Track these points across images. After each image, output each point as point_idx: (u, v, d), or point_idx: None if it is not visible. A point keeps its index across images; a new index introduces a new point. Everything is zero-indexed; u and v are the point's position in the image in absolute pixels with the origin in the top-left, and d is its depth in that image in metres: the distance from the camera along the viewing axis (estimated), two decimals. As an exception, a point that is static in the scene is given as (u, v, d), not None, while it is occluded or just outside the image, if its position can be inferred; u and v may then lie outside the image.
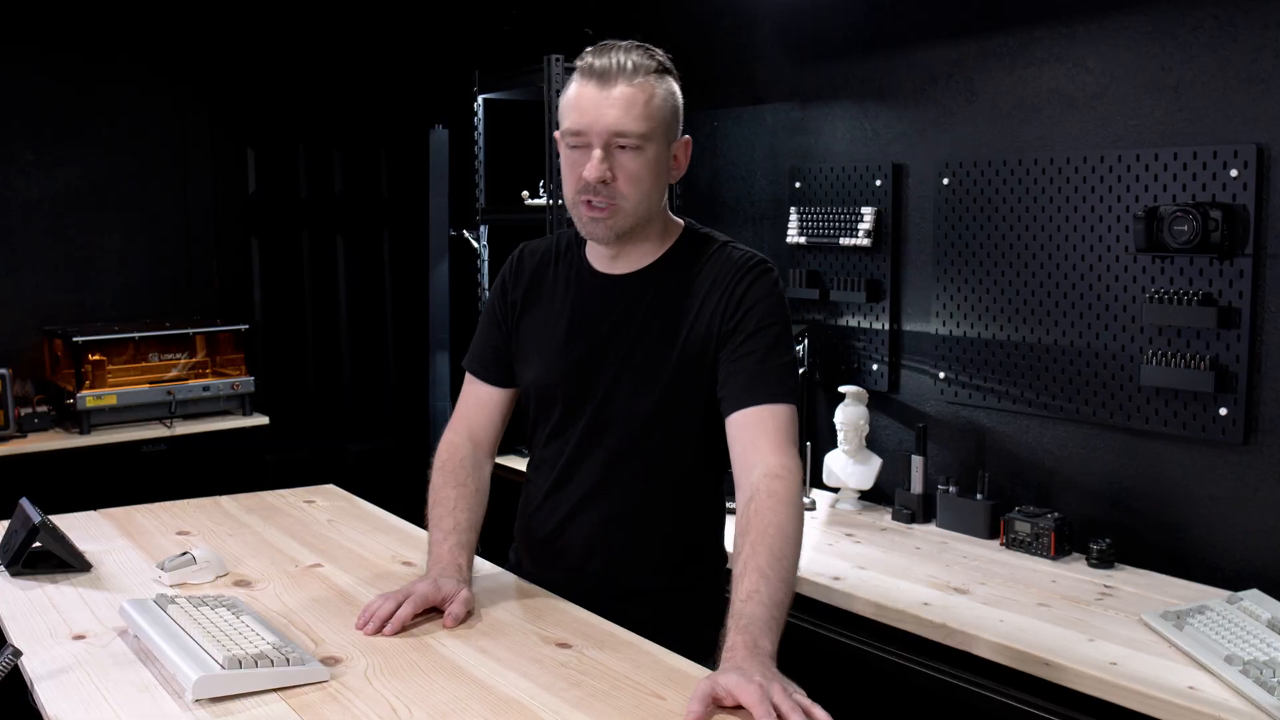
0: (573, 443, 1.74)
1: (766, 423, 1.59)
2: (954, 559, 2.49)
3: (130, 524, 2.20)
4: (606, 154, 1.60)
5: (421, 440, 4.48)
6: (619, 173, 1.61)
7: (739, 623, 1.40)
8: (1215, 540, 2.33)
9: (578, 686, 1.41)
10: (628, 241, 1.69)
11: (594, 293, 1.74)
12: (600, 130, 1.60)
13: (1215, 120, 2.30)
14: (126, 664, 1.49)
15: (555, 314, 1.76)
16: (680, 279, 1.70)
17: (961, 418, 2.84)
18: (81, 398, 3.54)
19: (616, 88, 1.60)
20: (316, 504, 2.39)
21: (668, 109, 1.64)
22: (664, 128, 1.64)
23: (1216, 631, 1.92)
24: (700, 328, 1.66)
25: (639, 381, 1.68)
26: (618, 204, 1.62)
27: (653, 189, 1.64)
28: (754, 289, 1.65)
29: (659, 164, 1.64)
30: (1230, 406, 2.28)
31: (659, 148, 1.63)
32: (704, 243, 1.73)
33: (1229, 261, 2.26)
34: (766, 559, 1.46)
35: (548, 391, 1.75)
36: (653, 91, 1.62)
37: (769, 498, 1.52)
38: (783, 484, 1.54)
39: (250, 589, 1.81)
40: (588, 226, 1.66)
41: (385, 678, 1.43)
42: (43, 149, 3.83)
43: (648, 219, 1.67)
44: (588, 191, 1.62)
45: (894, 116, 2.97)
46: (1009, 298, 2.70)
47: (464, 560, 1.70)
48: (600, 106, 1.60)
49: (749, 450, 1.58)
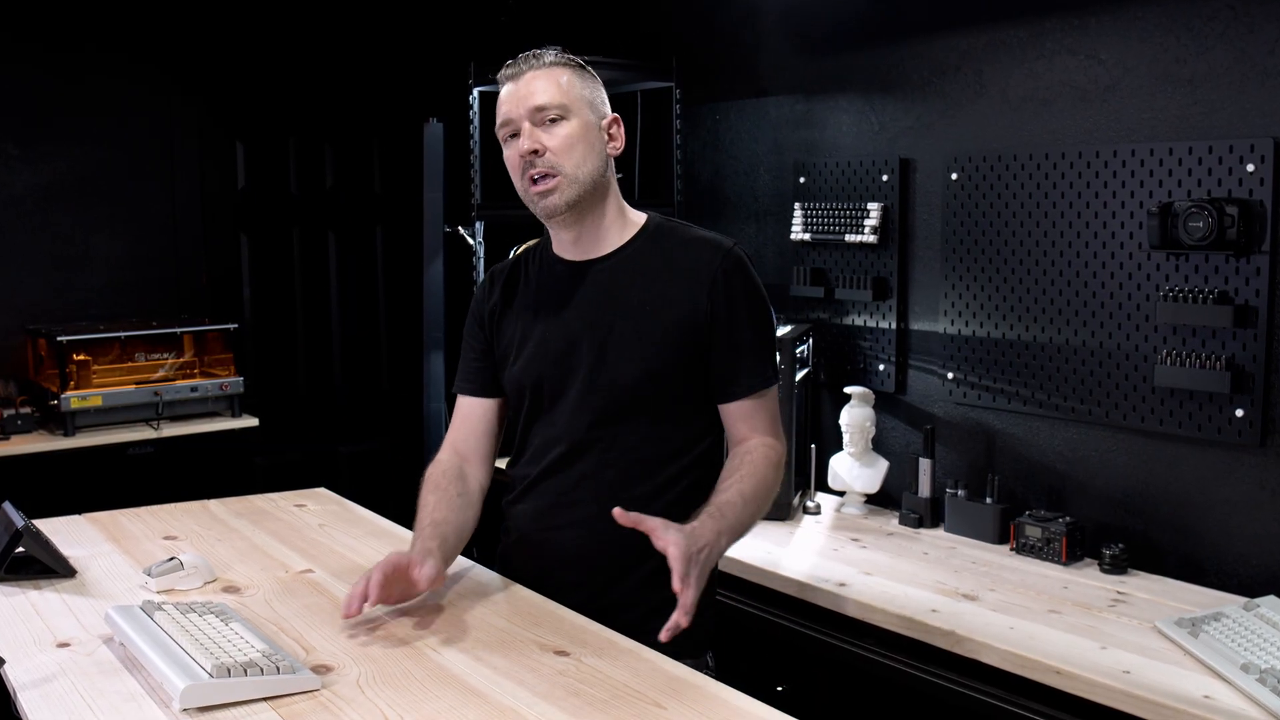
0: (560, 425, 1.81)
1: (760, 411, 1.80)
2: (962, 564, 2.49)
3: (116, 528, 2.20)
4: (535, 128, 1.76)
5: (415, 442, 4.48)
6: (548, 142, 1.76)
7: (716, 505, 1.67)
8: (1231, 545, 2.33)
9: (576, 695, 1.41)
10: (584, 216, 1.81)
11: (567, 280, 1.85)
12: (522, 112, 1.77)
13: (1231, 114, 2.30)
14: (112, 672, 1.49)
15: (530, 309, 1.88)
16: (653, 260, 1.81)
17: (970, 419, 2.84)
18: (66, 399, 3.54)
19: (528, 75, 1.79)
20: (307, 508, 2.39)
21: (585, 88, 1.81)
22: (583, 102, 1.79)
23: (1232, 639, 1.92)
24: (682, 307, 1.77)
25: (623, 358, 1.77)
26: (557, 172, 1.76)
27: (588, 156, 1.78)
28: (738, 275, 1.78)
29: (588, 134, 1.78)
30: (1247, 408, 2.28)
31: (584, 120, 1.78)
32: (671, 228, 1.87)
33: (1245, 259, 2.26)
34: (752, 487, 1.72)
35: (530, 380, 1.84)
36: (565, 75, 1.79)
37: (765, 451, 1.77)
38: (775, 452, 1.80)
39: (239, 595, 1.81)
40: (539, 203, 1.79)
41: (378, 686, 1.44)
42: (27, 142, 3.83)
43: (594, 188, 1.79)
44: (528, 168, 1.77)
45: (901, 110, 2.97)
46: (1019, 296, 2.70)
47: (435, 544, 1.73)
48: (518, 94, 1.79)
49: (745, 432, 1.81)
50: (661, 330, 1.76)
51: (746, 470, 1.74)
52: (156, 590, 1.81)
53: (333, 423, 4.46)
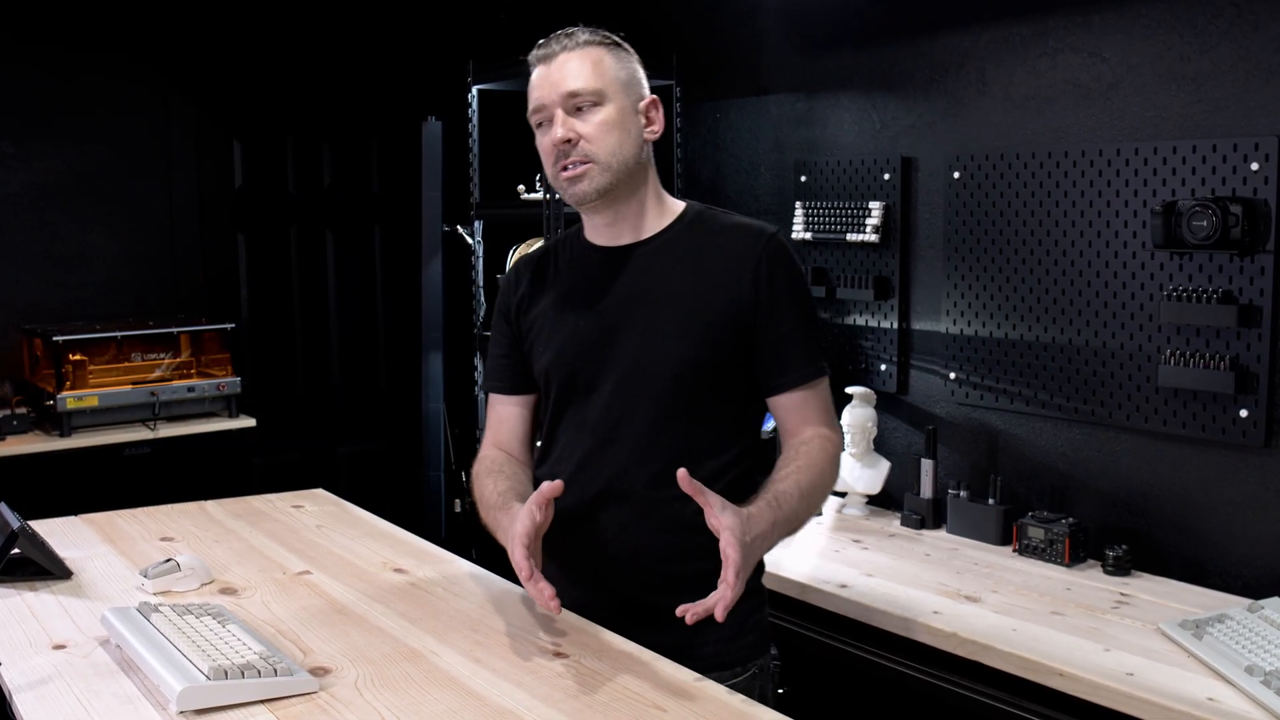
0: (597, 417, 1.72)
1: (812, 401, 1.73)
2: (965, 566, 2.49)
3: (112, 530, 2.20)
4: (568, 116, 1.69)
5: (414, 442, 4.48)
6: (582, 129, 1.68)
7: (773, 494, 1.58)
8: (1235, 546, 2.33)
9: (574, 697, 1.41)
10: (618, 202, 1.74)
11: (601, 267, 1.77)
12: (555, 97, 1.69)
13: (1235, 112, 2.29)
14: (109, 675, 1.49)
15: (564, 298, 1.79)
16: (692, 247, 1.74)
17: (973, 419, 2.84)
18: (62, 399, 3.54)
19: (560, 57, 1.71)
20: (305, 509, 2.39)
21: (621, 70, 1.72)
22: (619, 85, 1.71)
23: (1237, 641, 1.92)
24: (724, 296, 1.69)
25: (662, 348, 1.69)
26: (590, 159, 1.68)
27: (623, 142, 1.70)
28: (783, 262, 1.71)
29: (624, 119, 1.71)
30: (1251, 408, 2.28)
31: (620, 104, 1.70)
32: (711, 214, 1.79)
33: (1250, 258, 2.26)
34: (809, 480, 1.64)
35: (565, 372, 1.75)
36: (600, 56, 1.71)
37: (823, 444, 1.70)
38: (833, 445, 1.72)
39: (236, 597, 1.81)
40: (570, 190, 1.71)
41: (376, 688, 1.44)
42: (23, 141, 3.83)
43: (629, 175, 1.72)
44: (561, 158, 1.69)
45: (903, 108, 2.97)
46: (1022, 295, 2.70)
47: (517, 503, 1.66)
48: (550, 78, 1.70)
49: (799, 424, 1.73)
50: (702, 320, 1.68)
51: (804, 462, 1.66)
52: (153, 592, 1.81)
53: (331, 423, 4.46)
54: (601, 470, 1.72)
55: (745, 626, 1.72)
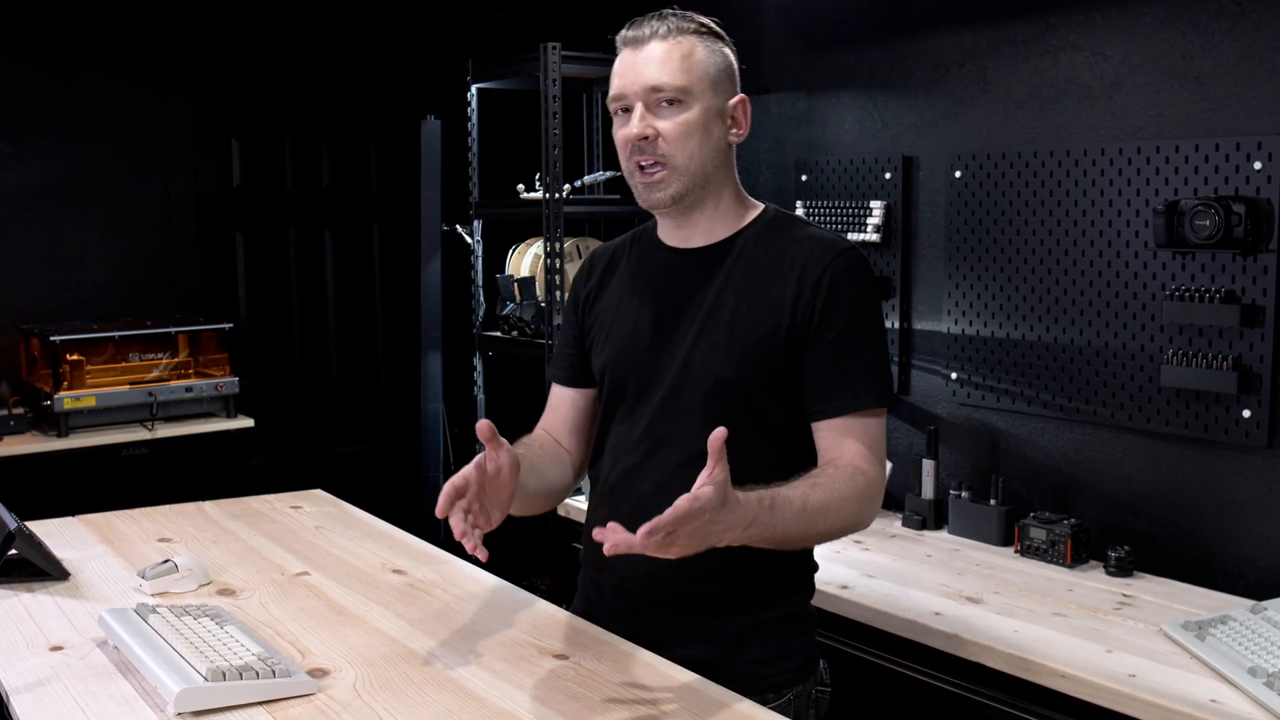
0: (645, 424, 1.67)
1: (855, 431, 1.59)
2: (966, 567, 2.49)
3: (110, 530, 2.20)
4: (647, 111, 1.60)
5: (413, 443, 4.48)
6: (661, 128, 1.60)
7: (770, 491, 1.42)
8: (1238, 547, 2.33)
9: (574, 699, 1.41)
10: (693, 208, 1.66)
11: (666, 268, 1.71)
12: (637, 89, 1.60)
13: (1238, 111, 2.29)
14: (106, 676, 1.49)
15: (626, 295, 1.74)
16: (761, 255, 1.65)
17: (974, 420, 2.84)
18: (59, 399, 3.54)
19: (649, 45, 1.61)
20: (303, 509, 2.39)
21: (712, 65, 1.62)
22: (709, 83, 1.61)
23: (1239, 642, 1.92)
24: (784, 310, 1.60)
25: (713, 357, 1.62)
26: (667, 163, 1.60)
27: (703, 146, 1.61)
28: (844, 279, 1.60)
29: (707, 121, 1.61)
30: (1254, 408, 2.28)
31: (706, 104, 1.61)
32: (788, 221, 1.70)
33: (1252, 257, 2.26)
34: (820, 500, 1.48)
35: (620, 370, 1.71)
36: (692, 48, 1.61)
37: (852, 474, 1.54)
38: (865, 480, 1.56)
39: (235, 598, 1.81)
40: (643, 193, 1.64)
41: (375, 690, 1.44)
42: (20, 140, 3.83)
43: (705, 181, 1.64)
44: (636, 154, 1.61)
45: (904, 107, 2.97)
46: (1023, 295, 2.70)
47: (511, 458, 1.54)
48: (637, 66, 1.61)
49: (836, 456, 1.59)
50: (753, 334, 1.60)
51: (824, 480, 1.51)
52: (151, 593, 1.81)
53: (329, 423, 4.46)
54: (642, 483, 1.66)
55: (784, 651, 1.67)
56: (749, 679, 1.60)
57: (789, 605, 1.69)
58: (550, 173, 3.28)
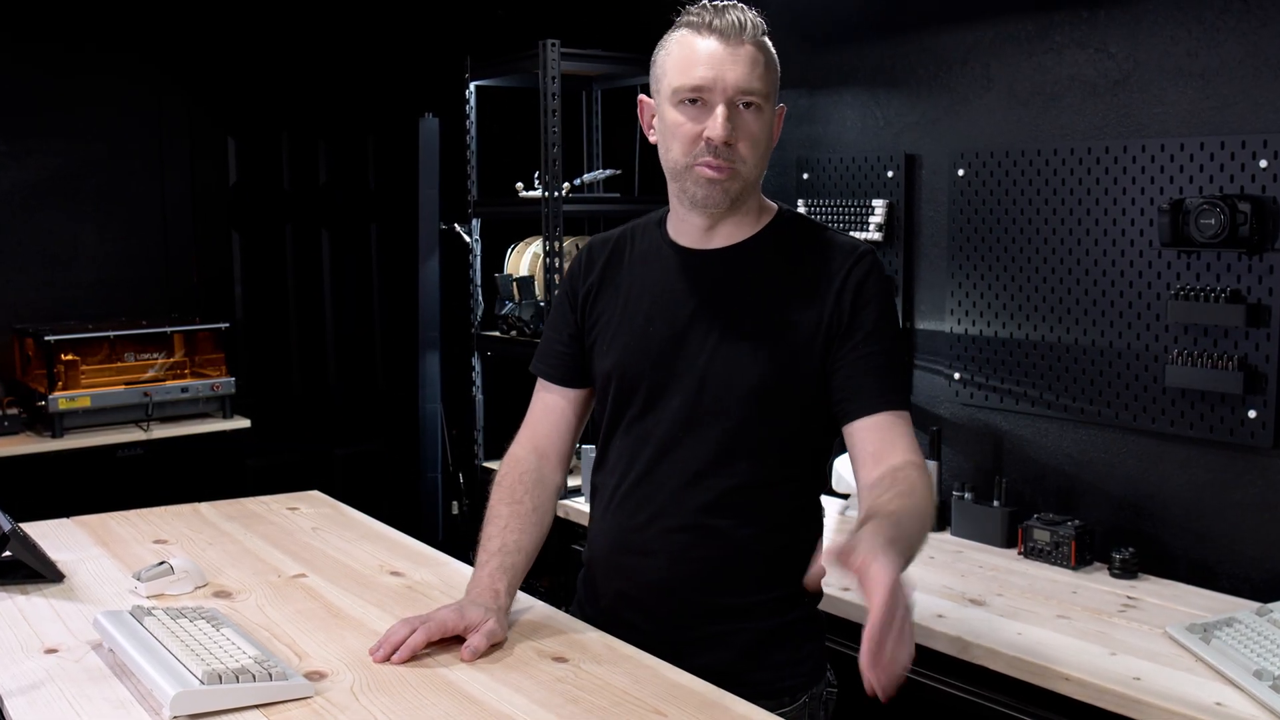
0: (661, 431, 1.64)
1: (899, 427, 1.57)
2: (969, 569, 2.49)
3: (105, 532, 2.20)
4: (731, 112, 1.57)
5: (411, 444, 4.48)
6: (741, 133, 1.58)
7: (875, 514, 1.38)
8: (1244, 549, 2.33)
9: (575, 702, 1.41)
10: (733, 211, 1.65)
11: (680, 269, 1.68)
12: (726, 87, 1.56)
13: (1244, 108, 2.29)
14: (101, 679, 1.48)
15: (635, 295, 1.70)
16: (778, 258, 1.65)
17: (977, 420, 2.84)
18: (54, 399, 3.54)
19: (743, 46, 1.58)
20: (300, 511, 2.39)
21: (777, 72, 1.64)
22: (775, 90, 1.64)
23: (1245, 645, 1.92)
24: (807, 312, 1.60)
25: (738, 362, 1.60)
26: (736, 167, 1.59)
27: (765, 154, 1.64)
28: (871, 280, 1.61)
29: (770, 129, 1.63)
30: (1260, 409, 2.28)
31: (770, 113, 1.63)
32: (803, 224, 1.70)
33: (1258, 256, 2.26)
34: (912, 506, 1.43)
35: (630, 376, 1.67)
36: (770, 52, 1.63)
37: (917, 473, 1.51)
38: (928, 476, 1.54)
39: (231, 600, 1.80)
40: (704, 189, 1.60)
41: (372, 693, 1.43)
42: (13, 138, 3.83)
43: (756, 187, 1.66)
44: (710, 153, 1.58)
45: (906, 105, 2.97)
46: (1027, 294, 2.70)
47: (502, 586, 1.63)
48: (726, 63, 1.56)
49: (885, 451, 1.56)
50: (780, 338, 1.59)
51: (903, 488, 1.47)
52: (146, 595, 1.80)
53: (326, 424, 4.46)
54: (658, 491, 1.64)
55: (799, 655, 1.68)
56: (767, 684, 1.62)
57: (802, 610, 1.70)
58: (549, 171, 3.28)
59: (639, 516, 1.65)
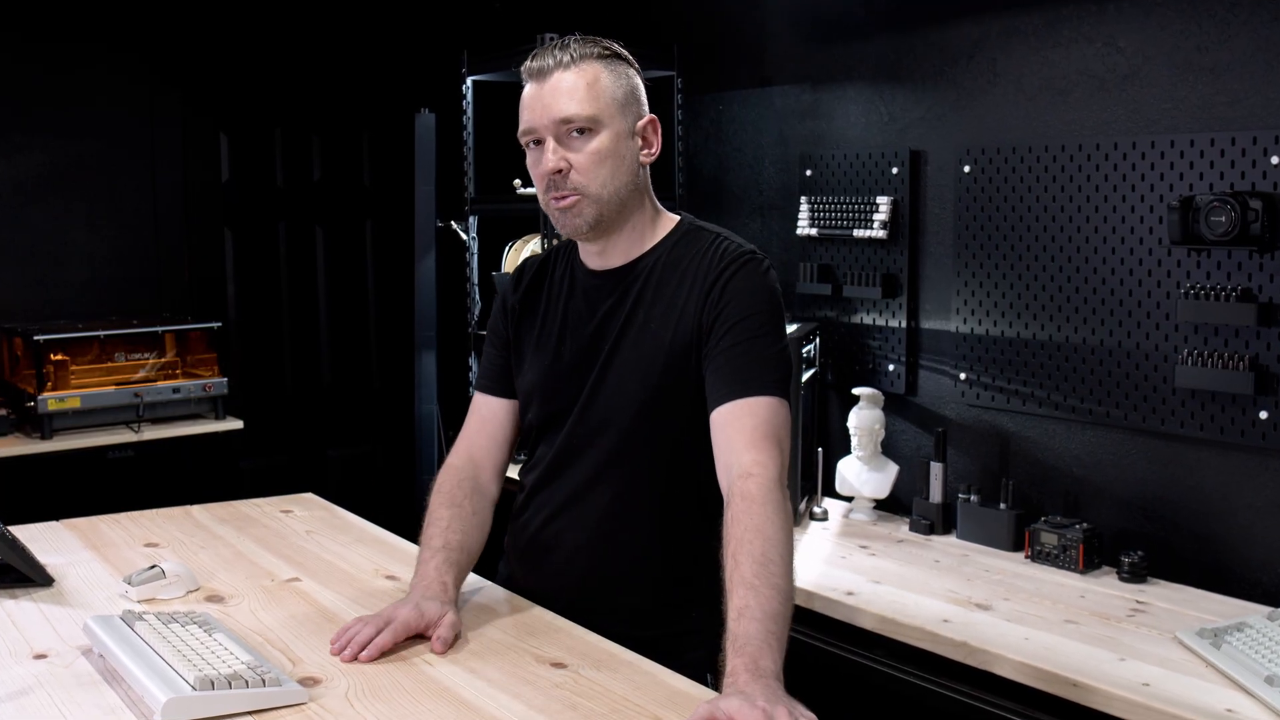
0: (560, 440, 1.78)
1: (743, 418, 1.59)
2: (975, 572, 2.49)
3: (95, 535, 2.20)
4: (559, 143, 1.67)
5: (406, 445, 4.48)
6: (574, 160, 1.67)
7: (735, 644, 1.38)
8: (1255, 552, 2.33)
9: (573, 709, 1.41)
10: (609, 231, 1.73)
11: (584, 290, 1.80)
12: (547, 123, 1.67)
13: (1255, 104, 2.30)
14: (91, 685, 1.48)
15: (549, 316, 1.83)
16: (669, 272, 1.73)
17: (984, 421, 2.84)
18: (43, 400, 3.54)
19: (554, 76, 1.68)
20: (294, 514, 2.39)
21: (618, 89, 1.70)
22: (616, 108, 1.69)
23: (1256, 650, 1.92)
24: (686, 321, 1.69)
25: (626, 377, 1.72)
26: (581, 191, 1.67)
27: (616, 171, 1.69)
28: (736, 279, 1.67)
29: (618, 146, 1.69)
30: (1271, 409, 2.28)
31: (615, 129, 1.68)
32: (696, 235, 1.77)
33: (1269, 254, 2.27)
34: (750, 569, 1.44)
35: (538, 391, 1.81)
36: (597, 75, 1.68)
37: (742, 500, 1.51)
38: (754, 482, 1.52)
39: (223, 605, 1.81)
40: (560, 221, 1.71)
41: (367, 699, 1.43)
42: (2, 134, 3.83)
43: (621, 205, 1.71)
44: (551, 188, 1.69)
45: (912, 100, 2.97)
46: (1034, 293, 2.70)
47: (450, 579, 1.70)
48: (543, 100, 1.68)
49: (725, 450, 1.60)
50: (659, 348, 1.69)
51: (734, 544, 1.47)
52: (137, 599, 1.80)
53: (320, 425, 4.45)
54: (559, 489, 1.79)
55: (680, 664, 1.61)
56: None
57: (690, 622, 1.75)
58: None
59: (544, 513, 1.81)
